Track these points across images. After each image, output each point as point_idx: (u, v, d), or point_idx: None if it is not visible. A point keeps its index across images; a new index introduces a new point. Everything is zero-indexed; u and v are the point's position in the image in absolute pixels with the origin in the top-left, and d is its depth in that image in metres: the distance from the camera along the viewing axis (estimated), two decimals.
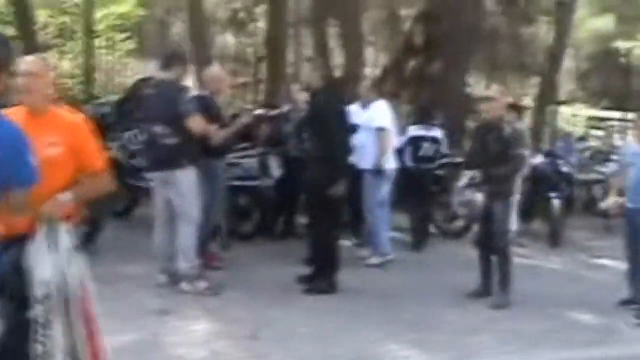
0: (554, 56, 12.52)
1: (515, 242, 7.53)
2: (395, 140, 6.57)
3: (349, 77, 8.58)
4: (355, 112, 6.30)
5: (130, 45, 11.03)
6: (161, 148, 4.81)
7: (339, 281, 5.59)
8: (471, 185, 7.86)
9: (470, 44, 13.24)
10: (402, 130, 7.20)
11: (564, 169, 7.67)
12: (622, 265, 7.10)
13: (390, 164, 6.23)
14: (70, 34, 9.74)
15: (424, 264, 6.59)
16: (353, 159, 6.20)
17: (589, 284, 6.32)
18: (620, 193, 5.70)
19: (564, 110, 18.72)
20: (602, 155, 8.90)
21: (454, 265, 6.50)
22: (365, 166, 6.16)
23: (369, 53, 14.69)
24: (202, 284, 4.93)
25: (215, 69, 5.74)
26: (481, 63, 14.69)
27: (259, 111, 6.40)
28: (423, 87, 13.72)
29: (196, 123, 4.74)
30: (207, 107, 5.26)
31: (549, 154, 7.80)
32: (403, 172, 7.15)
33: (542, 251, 7.46)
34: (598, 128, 17.99)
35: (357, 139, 6.19)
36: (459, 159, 8.10)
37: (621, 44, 23.54)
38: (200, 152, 5.13)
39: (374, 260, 6.22)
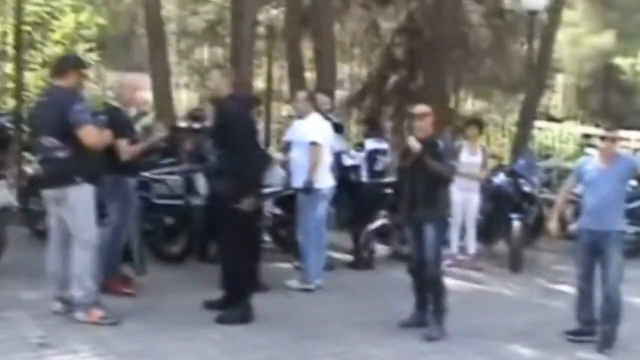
0: (538, 72, 12.07)
1: (473, 266, 7.13)
2: (329, 157, 6.18)
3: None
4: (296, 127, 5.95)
5: (94, 56, 10.75)
6: (51, 162, 4.42)
7: (261, 308, 5.18)
8: None
9: (453, 58, 12.88)
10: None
11: (526, 188, 7.21)
12: None
13: (325, 182, 5.81)
14: (30, 43, 9.48)
15: (364, 289, 6.13)
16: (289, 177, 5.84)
17: (542, 312, 5.83)
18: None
19: (558, 128, 18.25)
20: None
21: (398, 290, 6.02)
22: (298, 185, 5.76)
23: (348, 67, 14.34)
24: (97, 313, 4.52)
25: (127, 78, 5.37)
26: (466, 78, 14.30)
27: (182, 124, 6.03)
28: (405, 102, 13.34)
29: (88, 134, 4.34)
30: (116, 120, 4.90)
31: (510, 173, 7.34)
32: (358, 189, 6.77)
33: (500, 276, 6.98)
34: (591, 146, 17.49)
35: (291, 156, 5.82)
36: None
37: (621, 61, 23.09)
38: (108, 168, 4.77)
39: (295, 284, 5.79)
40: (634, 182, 9.40)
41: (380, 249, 6.73)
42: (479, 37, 13.65)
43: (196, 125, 5.92)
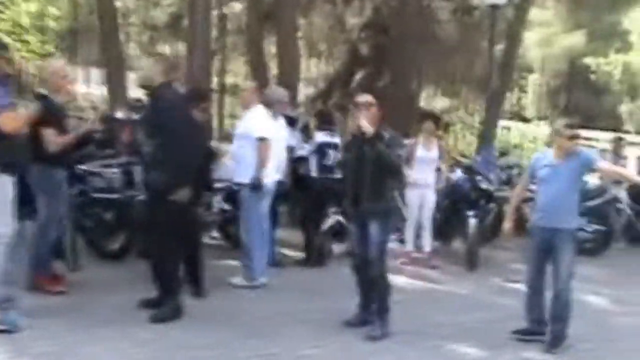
0: (503, 70, 11.99)
1: (429, 264, 6.97)
2: (281, 152, 5.97)
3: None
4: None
5: (50, 48, 10.41)
6: None
7: (201, 306, 4.97)
8: None
9: (420, 54, 12.75)
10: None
11: (483, 185, 7.06)
12: None
13: (269, 177, 5.60)
14: None
15: (311, 287, 5.92)
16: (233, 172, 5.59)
17: (494, 311, 5.67)
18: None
19: (526, 127, 18.26)
20: None
21: (347, 288, 5.81)
22: (242, 180, 5.53)
23: (316, 64, 14.15)
24: (12, 314, 4.25)
25: (56, 64, 5.10)
26: (434, 75, 14.19)
27: (119, 115, 5.77)
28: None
29: (3, 120, 4.06)
30: (43, 108, 4.63)
31: (467, 170, 7.19)
32: (307, 183, 6.55)
33: (456, 274, 6.82)
34: None
35: (232, 149, 5.59)
36: None
37: (591, 61, 23.18)
38: (34, 158, 4.50)
39: (240, 282, 5.57)
40: (594, 180, 9.37)
41: (336, 248, 6.50)
42: (447, 33, 13.53)
43: (135, 116, 5.66)
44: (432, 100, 14.76)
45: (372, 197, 4.76)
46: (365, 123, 4.70)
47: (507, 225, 5.14)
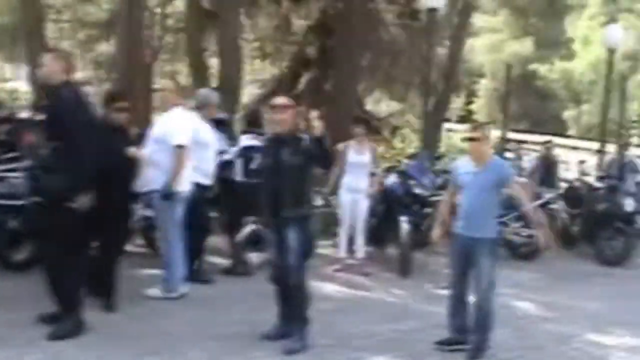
0: (446, 74, 12.00)
1: (362, 271, 6.81)
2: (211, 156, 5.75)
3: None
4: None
5: None
6: None
7: (109, 320, 4.69)
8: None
9: (366, 58, 12.66)
10: None
11: (417, 190, 6.95)
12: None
13: (184, 185, 5.34)
14: None
15: (232, 297, 5.68)
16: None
17: (421, 319, 5.54)
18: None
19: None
20: None
21: (270, 299, 5.63)
22: (155, 187, 5.24)
23: (260, 65, 13.92)
24: None
25: None
26: (381, 79, 14.12)
27: (23, 115, 5.43)
28: (318, 102, 13.00)
29: None
30: None
31: (401, 174, 7.07)
32: (232, 188, 6.31)
33: (388, 281, 6.69)
34: (508, 150, 17.82)
35: (147, 155, 5.28)
36: None
37: (539, 67, 23.62)
38: None
39: (157, 293, 5.31)
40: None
41: (255, 257, 6.26)
42: (393, 37, 13.48)
43: (40, 117, 5.33)
44: (379, 103, 14.70)
45: (291, 203, 4.57)
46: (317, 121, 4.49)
47: (436, 232, 5.01)
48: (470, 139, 4.65)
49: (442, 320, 5.11)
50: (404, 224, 6.75)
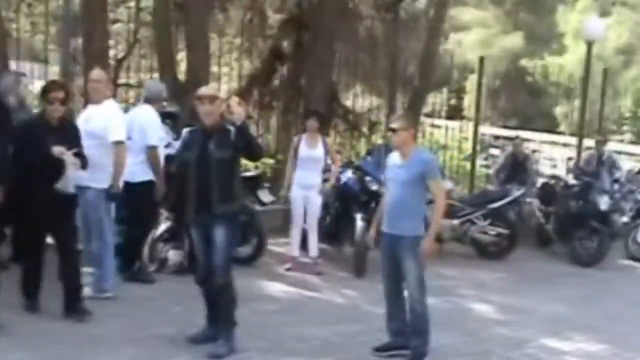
0: (424, 67, 11.68)
1: (315, 270, 6.53)
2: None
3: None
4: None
5: None
6: None
7: (28, 323, 4.41)
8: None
9: (342, 51, 12.34)
10: None
11: (373, 186, 6.65)
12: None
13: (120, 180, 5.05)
14: None
15: (162, 299, 5.33)
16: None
17: (366, 322, 5.23)
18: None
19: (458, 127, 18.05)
20: None
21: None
22: (89, 184, 4.93)
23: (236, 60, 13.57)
24: None
25: None
26: (361, 74, 13.81)
27: None
28: (295, 97, 12.72)
29: None
30: None
31: (356, 170, 6.78)
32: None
33: (341, 281, 6.39)
34: (495, 147, 17.59)
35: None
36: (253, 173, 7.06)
37: (529, 63, 23.28)
38: None
39: (87, 293, 5.02)
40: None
41: (173, 255, 5.94)
42: (369, 30, 13.17)
43: None
44: (358, 98, 14.37)
45: (219, 198, 4.27)
46: (235, 104, 4.21)
47: (371, 232, 4.72)
48: (391, 130, 4.38)
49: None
50: (359, 222, 6.45)
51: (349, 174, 6.77)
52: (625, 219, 8.79)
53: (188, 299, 5.33)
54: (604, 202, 8.18)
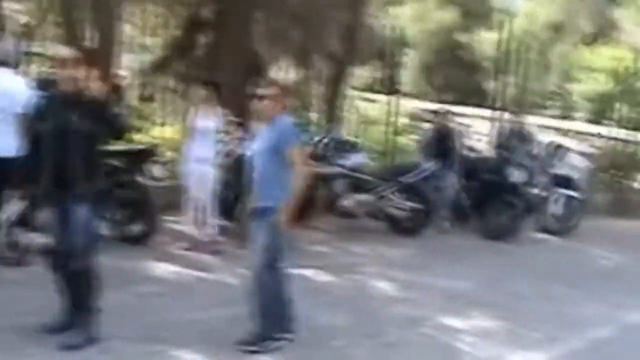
0: (348, 39, 11.35)
1: (213, 249, 6.15)
2: None
3: None
4: None
5: None
6: None
7: None
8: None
9: (266, 21, 11.86)
10: None
11: None
12: (326, 277, 5.92)
13: None
14: None
15: (38, 282, 4.78)
16: None
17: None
18: None
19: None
20: (346, 146, 7.67)
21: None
22: None
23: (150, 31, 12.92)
24: None
25: None
26: (282, 44, 13.36)
27: None
28: (216, 68, 12.12)
29: None
30: None
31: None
32: None
33: (238, 260, 5.98)
34: (428, 121, 17.49)
35: None
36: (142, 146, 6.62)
37: (463, 38, 23.27)
38: None
39: None
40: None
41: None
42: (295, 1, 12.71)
43: None
44: (283, 72, 13.96)
45: (80, 176, 3.83)
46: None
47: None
48: (258, 98, 4.05)
49: None
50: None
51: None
52: (540, 191, 8.75)
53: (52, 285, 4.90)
54: (516, 175, 8.08)
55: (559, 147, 9.14)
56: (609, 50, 19.69)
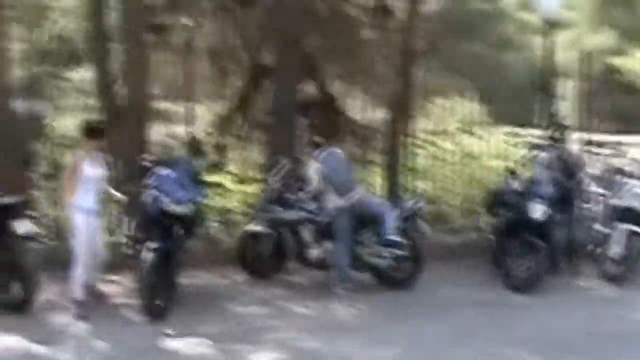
0: (402, 67, 10.00)
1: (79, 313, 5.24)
2: None
3: None
4: None
5: None
6: None
7: None
8: None
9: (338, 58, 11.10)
10: None
11: (170, 207, 5.41)
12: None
13: None
14: None
15: None
16: None
17: None
18: None
19: None
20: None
21: None
22: None
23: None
24: None
25: None
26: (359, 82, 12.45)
27: None
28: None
29: None
30: None
31: (154, 189, 5.56)
32: None
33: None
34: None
35: None
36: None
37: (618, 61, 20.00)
38: None
39: None
40: None
41: None
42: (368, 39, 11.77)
43: None
44: (365, 110, 12.97)
45: None
46: None
47: None
48: None
49: None
50: (147, 253, 5.25)
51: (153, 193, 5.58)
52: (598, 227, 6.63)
53: None
54: (537, 210, 6.15)
55: (619, 171, 6.92)
56: None
